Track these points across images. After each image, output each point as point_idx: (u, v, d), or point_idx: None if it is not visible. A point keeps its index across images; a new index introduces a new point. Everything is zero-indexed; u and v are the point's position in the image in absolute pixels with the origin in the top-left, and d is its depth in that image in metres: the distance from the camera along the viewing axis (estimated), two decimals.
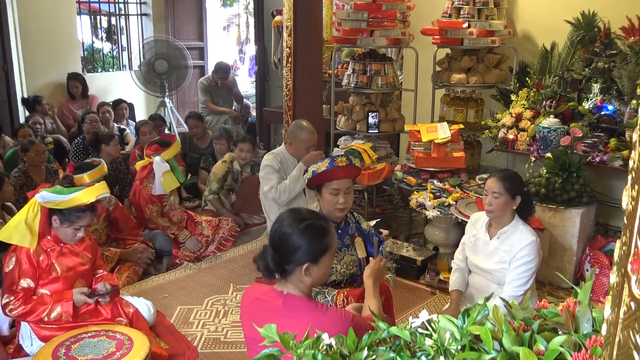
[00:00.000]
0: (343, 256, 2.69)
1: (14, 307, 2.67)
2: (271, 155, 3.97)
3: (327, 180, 2.59)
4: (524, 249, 2.75)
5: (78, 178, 3.81)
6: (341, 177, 2.62)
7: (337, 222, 2.68)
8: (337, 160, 2.61)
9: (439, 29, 4.68)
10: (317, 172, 2.61)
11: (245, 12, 11.62)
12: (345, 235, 2.73)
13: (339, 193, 2.59)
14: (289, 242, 1.83)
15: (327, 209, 2.63)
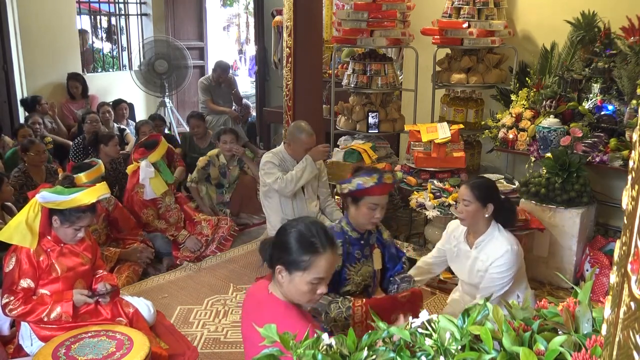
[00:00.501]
0: (361, 267, 2.68)
1: (14, 307, 2.67)
2: (271, 153, 3.98)
3: (370, 194, 2.58)
4: (499, 259, 2.72)
5: (75, 178, 3.81)
6: (384, 193, 2.63)
7: (362, 233, 2.68)
8: (384, 177, 2.60)
9: (439, 29, 4.68)
10: (364, 186, 2.57)
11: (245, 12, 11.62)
12: (366, 246, 2.72)
13: (377, 208, 2.59)
14: (283, 235, 1.87)
15: (360, 221, 2.63)
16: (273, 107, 7.14)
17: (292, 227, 1.87)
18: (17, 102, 6.29)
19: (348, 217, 2.70)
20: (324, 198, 4.18)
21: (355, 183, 2.58)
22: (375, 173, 2.61)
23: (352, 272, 2.65)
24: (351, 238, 2.66)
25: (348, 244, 2.65)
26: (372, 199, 2.57)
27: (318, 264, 1.79)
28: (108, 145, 4.83)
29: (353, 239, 2.67)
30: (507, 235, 2.80)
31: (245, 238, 4.77)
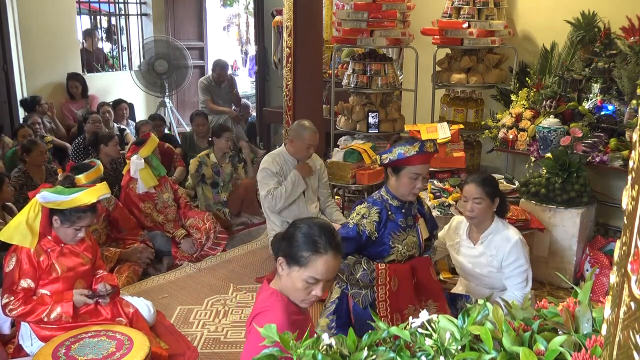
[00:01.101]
0: (406, 237, 2.63)
1: (14, 307, 2.67)
2: (270, 157, 3.96)
3: (412, 164, 2.52)
4: (511, 251, 2.74)
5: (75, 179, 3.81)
6: (426, 162, 2.57)
7: (403, 202, 2.63)
8: (426, 145, 2.53)
9: (439, 29, 4.68)
10: (405, 155, 2.50)
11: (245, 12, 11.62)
12: (408, 216, 2.67)
13: (418, 177, 2.54)
14: (291, 227, 1.88)
15: (401, 191, 2.58)
16: (273, 107, 7.14)
17: (303, 222, 1.88)
18: (17, 102, 6.28)
19: (388, 187, 2.65)
20: (324, 199, 4.18)
21: (397, 152, 2.52)
22: (417, 142, 2.55)
23: (397, 241, 2.61)
24: (392, 206, 2.62)
25: (389, 212, 2.61)
26: (413, 168, 2.52)
27: (316, 264, 1.78)
28: (108, 145, 4.83)
29: (394, 207, 2.63)
30: (510, 227, 2.87)
31: (245, 238, 4.77)
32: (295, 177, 3.86)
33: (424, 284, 2.67)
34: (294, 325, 1.70)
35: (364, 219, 2.57)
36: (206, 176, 4.89)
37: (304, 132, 3.84)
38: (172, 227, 4.34)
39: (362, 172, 4.62)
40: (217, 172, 4.93)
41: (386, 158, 2.56)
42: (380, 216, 2.58)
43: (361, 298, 2.58)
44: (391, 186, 2.62)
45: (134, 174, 4.26)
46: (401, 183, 2.56)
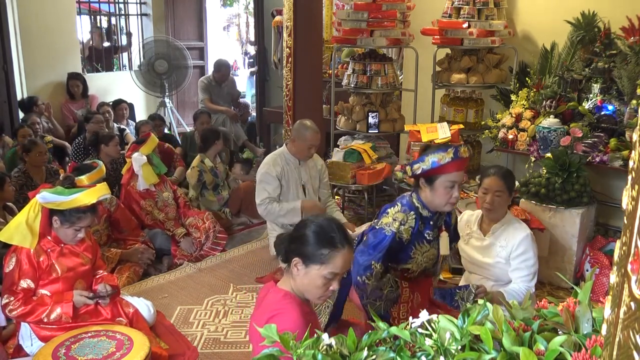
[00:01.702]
0: (428, 249, 2.50)
1: (14, 308, 2.67)
2: (271, 158, 3.96)
3: (447, 171, 2.34)
4: (521, 243, 2.79)
5: (77, 180, 3.81)
6: (461, 169, 2.40)
7: (433, 213, 2.47)
8: (460, 150, 2.37)
9: (439, 29, 4.68)
10: (439, 163, 2.33)
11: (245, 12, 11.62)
12: (435, 228, 2.52)
13: (454, 186, 2.36)
14: (300, 229, 1.88)
15: (437, 202, 2.40)
16: (273, 107, 7.14)
17: (311, 221, 1.89)
18: (17, 102, 6.29)
19: (419, 196, 2.46)
20: (324, 199, 4.18)
21: (430, 161, 2.34)
22: (451, 147, 2.38)
23: (418, 252, 2.48)
24: (422, 216, 2.46)
25: (420, 222, 2.45)
26: (449, 176, 2.34)
27: (336, 259, 1.81)
28: (109, 145, 4.84)
29: (424, 217, 2.46)
30: (520, 221, 2.92)
31: (245, 238, 4.77)
32: (297, 208, 3.84)
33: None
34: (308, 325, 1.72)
35: (402, 225, 2.40)
36: (207, 182, 4.90)
37: (306, 131, 3.83)
38: (172, 225, 4.35)
39: (362, 172, 4.62)
40: (215, 174, 4.94)
41: (418, 168, 2.38)
42: (415, 222, 2.43)
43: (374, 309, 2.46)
44: (425, 197, 2.43)
45: (137, 170, 4.27)
46: (437, 194, 2.38)
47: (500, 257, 2.85)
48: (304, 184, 4.00)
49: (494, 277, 2.91)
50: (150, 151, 4.34)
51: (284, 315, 1.77)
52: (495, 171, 2.90)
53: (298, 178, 3.98)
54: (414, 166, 2.41)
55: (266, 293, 1.94)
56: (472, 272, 3.03)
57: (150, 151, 4.34)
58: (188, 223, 4.47)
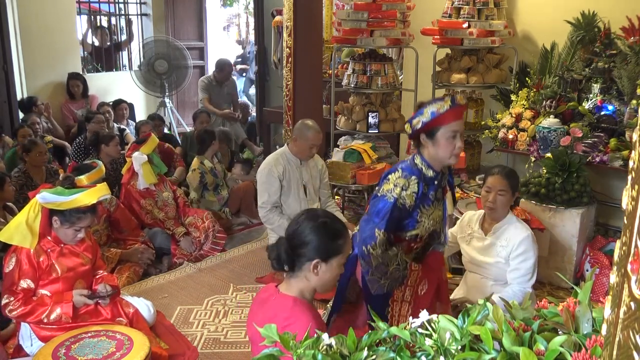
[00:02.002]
0: (433, 211, 2.43)
1: (14, 308, 2.67)
2: (273, 157, 3.96)
3: (447, 121, 2.30)
4: (522, 243, 2.78)
5: (77, 180, 3.81)
6: (460, 117, 2.36)
7: (437, 172, 2.41)
8: (457, 98, 2.37)
9: (439, 29, 4.68)
10: (438, 112, 2.29)
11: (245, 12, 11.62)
12: (439, 189, 2.46)
13: (456, 135, 2.31)
14: (303, 235, 1.87)
15: (441, 155, 2.34)
16: (273, 107, 7.13)
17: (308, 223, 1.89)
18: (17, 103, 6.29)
19: (422, 156, 2.40)
20: (324, 199, 4.18)
21: (429, 112, 2.31)
22: (447, 97, 2.35)
23: (424, 215, 2.40)
24: (426, 177, 2.39)
25: (425, 184, 2.39)
26: (449, 126, 2.30)
27: (347, 243, 1.93)
28: (109, 145, 4.84)
29: (428, 178, 2.39)
30: (522, 222, 2.91)
31: (245, 238, 4.78)
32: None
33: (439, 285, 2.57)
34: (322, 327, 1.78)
35: (403, 191, 2.33)
36: (209, 183, 4.90)
37: (307, 131, 3.83)
38: (172, 224, 4.35)
39: (362, 172, 4.62)
40: (215, 174, 4.95)
41: (418, 122, 2.33)
42: (419, 187, 2.36)
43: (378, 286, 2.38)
44: (428, 154, 2.37)
45: (137, 169, 4.28)
46: (440, 147, 2.32)
47: (500, 256, 2.85)
48: (305, 184, 4.00)
49: (494, 277, 2.92)
50: (150, 151, 4.35)
51: (299, 323, 1.76)
52: (499, 170, 2.90)
53: (299, 178, 3.98)
54: (414, 121, 2.37)
55: (267, 297, 1.91)
56: (472, 271, 3.03)
57: (150, 151, 4.35)
58: (187, 222, 4.47)
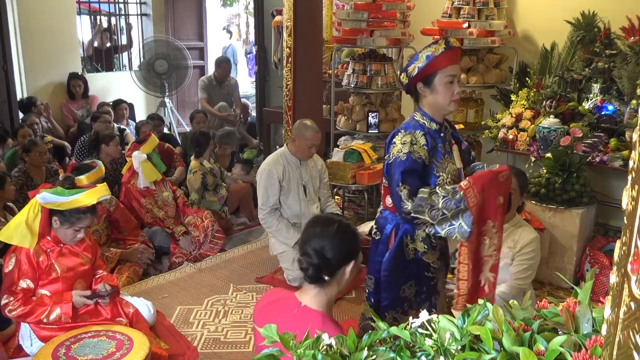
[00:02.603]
0: (447, 164, 2.33)
1: (14, 308, 2.67)
2: (272, 159, 3.95)
3: (443, 66, 2.22)
4: (529, 245, 2.79)
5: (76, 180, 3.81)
6: (456, 61, 2.28)
7: (441, 123, 2.35)
8: (451, 40, 2.26)
9: (439, 29, 4.68)
10: (434, 55, 2.21)
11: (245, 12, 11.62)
12: (446, 141, 2.38)
13: (453, 80, 2.25)
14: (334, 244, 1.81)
15: (440, 102, 2.27)
16: (273, 107, 7.14)
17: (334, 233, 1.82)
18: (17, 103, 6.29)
19: (422, 109, 2.34)
20: (324, 199, 4.18)
21: (424, 56, 2.23)
22: (440, 40, 2.26)
23: (441, 170, 2.30)
24: (430, 130, 2.31)
25: (432, 137, 2.30)
26: (446, 70, 2.23)
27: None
28: (109, 145, 4.84)
29: (433, 131, 2.31)
30: (529, 224, 2.93)
31: (245, 238, 4.78)
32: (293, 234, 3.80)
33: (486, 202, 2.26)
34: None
35: (413, 145, 2.23)
36: (209, 183, 4.91)
37: (306, 131, 3.84)
38: (172, 223, 4.37)
39: (362, 172, 4.62)
40: (214, 174, 4.96)
41: (414, 68, 2.25)
42: (427, 139, 2.27)
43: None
44: (427, 104, 2.31)
45: (137, 168, 4.29)
46: (438, 93, 2.25)
47: (507, 258, 2.84)
48: (304, 184, 4.00)
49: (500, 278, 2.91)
50: (150, 150, 4.37)
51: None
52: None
53: (299, 178, 3.98)
54: (409, 68, 2.29)
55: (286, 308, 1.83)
56: None
57: (150, 150, 4.37)
58: (187, 222, 4.48)
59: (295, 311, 1.81)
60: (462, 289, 2.18)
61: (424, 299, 2.42)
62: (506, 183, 2.22)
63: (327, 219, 1.92)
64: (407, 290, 2.39)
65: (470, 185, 2.10)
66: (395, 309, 2.38)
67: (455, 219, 2.12)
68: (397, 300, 2.38)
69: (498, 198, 2.16)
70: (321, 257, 1.80)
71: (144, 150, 4.33)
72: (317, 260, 1.79)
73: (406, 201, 2.17)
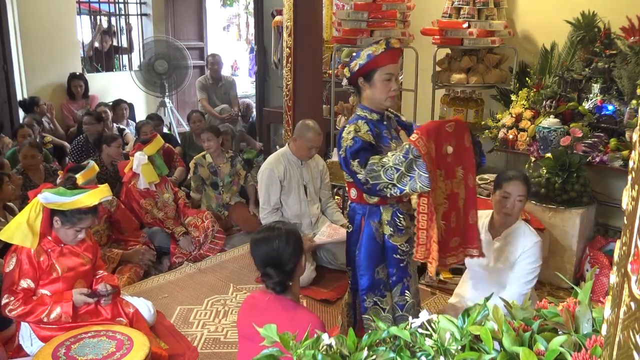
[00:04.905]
0: (396, 148, 2.45)
1: (14, 308, 2.67)
2: (274, 158, 3.95)
3: (382, 64, 2.43)
4: (531, 249, 2.76)
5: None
6: (395, 60, 2.48)
7: (382, 114, 2.54)
8: (391, 41, 2.45)
9: (439, 29, 4.68)
10: (374, 54, 2.41)
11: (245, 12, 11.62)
12: (391, 128, 2.58)
13: (391, 78, 2.45)
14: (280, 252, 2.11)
15: (378, 97, 2.47)
16: (273, 107, 7.14)
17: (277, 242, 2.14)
18: (17, 103, 6.29)
19: (362, 104, 2.54)
20: (325, 200, 4.19)
21: (365, 54, 2.44)
22: (382, 40, 2.46)
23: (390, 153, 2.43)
24: (373, 120, 2.50)
25: (374, 126, 2.49)
26: (385, 68, 2.43)
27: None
28: (110, 145, 4.84)
29: (375, 120, 2.51)
30: (531, 227, 2.89)
31: (245, 238, 4.77)
32: None
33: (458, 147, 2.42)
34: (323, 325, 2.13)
35: (357, 132, 2.41)
36: (204, 177, 4.88)
37: (308, 132, 3.84)
38: (171, 223, 4.36)
39: None
40: (214, 172, 4.91)
41: (356, 64, 2.46)
42: (369, 126, 2.46)
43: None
44: (366, 98, 2.51)
45: (136, 168, 4.29)
46: (376, 88, 2.46)
47: (508, 261, 2.82)
48: (305, 184, 4.01)
49: (496, 281, 2.90)
50: (154, 152, 4.34)
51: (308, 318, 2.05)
52: (515, 175, 2.82)
53: (300, 178, 3.98)
54: (352, 64, 2.48)
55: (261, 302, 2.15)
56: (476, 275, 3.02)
57: (154, 152, 4.34)
58: (187, 222, 4.47)
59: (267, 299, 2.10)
60: (422, 237, 2.29)
61: (396, 281, 2.55)
62: (456, 133, 2.38)
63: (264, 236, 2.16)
64: (380, 273, 2.53)
65: (419, 136, 2.24)
66: (374, 292, 2.52)
67: (411, 171, 2.22)
68: (373, 283, 2.51)
69: (445, 147, 2.32)
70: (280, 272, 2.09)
71: (148, 152, 4.30)
72: (278, 277, 2.08)
73: (360, 172, 2.31)
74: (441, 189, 2.33)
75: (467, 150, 2.43)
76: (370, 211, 2.50)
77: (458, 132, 2.39)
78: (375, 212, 2.50)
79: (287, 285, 2.10)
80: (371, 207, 2.50)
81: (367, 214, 2.51)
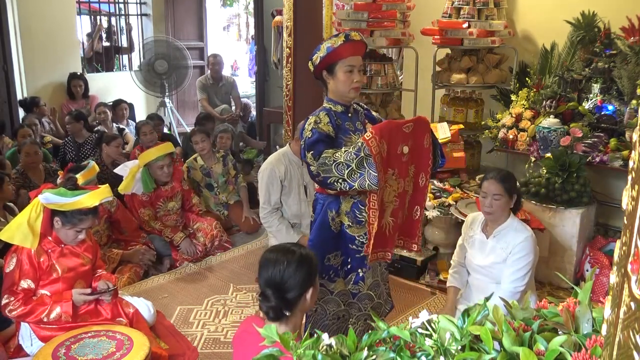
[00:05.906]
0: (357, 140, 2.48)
1: (14, 308, 2.67)
2: (275, 158, 3.95)
3: (343, 56, 2.48)
4: (520, 244, 2.78)
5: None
6: (357, 53, 2.52)
7: (348, 106, 2.59)
8: (351, 34, 2.50)
9: (439, 29, 4.68)
10: (333, 47, 2.46)
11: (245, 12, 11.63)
12: (357, 121, 2.62)
13: (353, 70, 2.50)
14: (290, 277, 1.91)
15: (342, 89, 2.52)
16: (273, 107, 7.14)
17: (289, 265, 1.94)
18: (17, 103, 6.29)
19: (328, 96, 2.61)
20: None
21: (325, 47, 2.49)
22: (341, 34, 2.51)
23: (350, 145, 2.45)
24: (336, 112, 2.57)
25: (336, 118, 2.55)
26: (346, 60, 2.48)
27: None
28: (110, 145, 4.83)
29: (338, 113, 2.57)
30: (523, 224, 2.90)
31: (245, 238, 4.78)
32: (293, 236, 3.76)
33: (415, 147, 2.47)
34: None
35: (317, 124, 2.48)
36: (197, 180, 4.87)
37: None
38: (170, 232, 4.31)
39: None
40: (207, 174, 4.88)
41: (317, 58, 2.52)
42: (330, 118, 2.52)
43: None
44: (331, 90, 2.57)
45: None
46: (339, 80, 2.51)
47: (501, 258, 2.85)
48: (305, 185, 4.00)
49: (494, 279, 2.91)
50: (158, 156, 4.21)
51: None
52: (493, 174, 2.87)
53: (300, 178, 3.98)
54: (313, 57, 2.54)
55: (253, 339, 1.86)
56: (474, 273, 3.03)
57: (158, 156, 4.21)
58: (196, 227, 4.44)
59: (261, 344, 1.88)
60: (372, 233, 2.37)
61: (351, 270, 2.62)
62: (414, 133, 2.43)
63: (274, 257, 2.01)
64: (332, 260, 2.60)
65: (373, 135, 2.29)
66: (321, 276, 2.53)
67: (361, 168, 2.28)
68: (322, 269, 2.54)
69: (401, 147, 2.38)
70: (279, 297, 1.88)
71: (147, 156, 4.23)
72: (275, 302, 1.87)
73: (312, 164, 2.38)
74: (392, 187, 2.41)
75: (425, 150, 2.49)
76: (330, 201, 2.56)
77: (417, 133, 2.45)
78: (335, 202, 2.56)
79: (283, 313, 1.88)
80: (332, 198, 2.56)
81: (327, 203, 2.57)
